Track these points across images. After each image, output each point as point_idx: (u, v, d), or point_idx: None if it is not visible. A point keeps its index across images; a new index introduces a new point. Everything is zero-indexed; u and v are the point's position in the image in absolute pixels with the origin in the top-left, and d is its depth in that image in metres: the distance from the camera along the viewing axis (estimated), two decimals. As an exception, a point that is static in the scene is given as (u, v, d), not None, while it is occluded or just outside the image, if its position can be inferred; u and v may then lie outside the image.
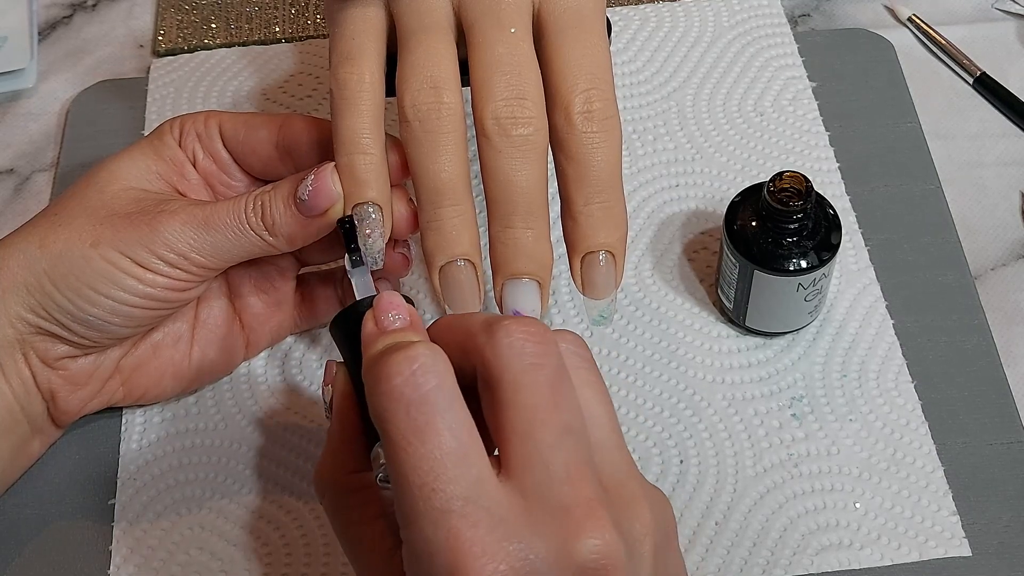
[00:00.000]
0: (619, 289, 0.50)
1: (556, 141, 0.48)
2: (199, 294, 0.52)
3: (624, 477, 0.40)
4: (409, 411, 0.38)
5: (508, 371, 0.39)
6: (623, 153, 0.49)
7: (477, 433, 0.38)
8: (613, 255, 0.48)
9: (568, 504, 0.37)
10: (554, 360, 0.39)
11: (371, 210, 0.48)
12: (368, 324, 0.43)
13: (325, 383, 0.46)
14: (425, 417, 0.38)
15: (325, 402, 0.46)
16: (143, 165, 0.52)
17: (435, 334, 0.42)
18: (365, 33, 0.49)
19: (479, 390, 0.40)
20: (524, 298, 0.48)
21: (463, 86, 0.48)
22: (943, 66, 0.68)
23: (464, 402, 0.39)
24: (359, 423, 0.44)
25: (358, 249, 0.48)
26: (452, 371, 0.39)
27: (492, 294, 0.49)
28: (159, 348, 0.53)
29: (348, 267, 0.48)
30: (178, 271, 0.49)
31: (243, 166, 0.53)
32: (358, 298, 0.47)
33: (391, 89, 0.49)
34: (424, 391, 0.38)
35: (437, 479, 0.37)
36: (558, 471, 0.38)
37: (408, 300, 0.44)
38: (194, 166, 0.53)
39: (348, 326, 0.44)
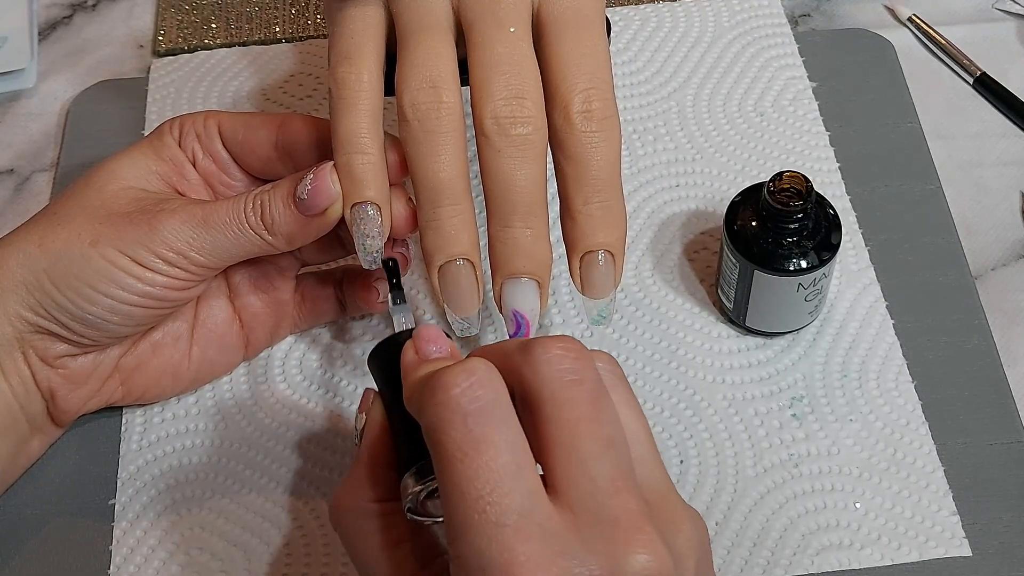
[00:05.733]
0: (619, 289, 0.50)
1: (555, 141, 0.48)
2: (198, 293, 0.52)
3: (665, 492, 0.40)
4: (466, 422, 0.37)
5: (547, 387, 0.38)
6: (623, 153, 0.49)
7: (529, 448, 0.38)
8: (612, 255, 0.48)
9: (616, 517, 0.37)
10: (592, 375, 0.39)
11: (369, 210, 0.48)
12: (408, 353, 0.43)
13: (360, 410, 0.46)
14: (481, 428, 0.37)
15: (356, 429, 0.46)
16: (143, 165, 0.52)
17: None
18: (364, 32, 0.49)
19: (519, 410, 0.39)
20: (523, 297, 0.48)
21: (463, 86, 0.48)
22: (943, 66, 0.68)
23: (517, 417, 0.38)
24: (388, 453, 0.44)
25: (400, 287, 0.48)
26: (506, 387, 0.39)
27: (492, 294, 0.49)
28: (159, 347, 0.53)
29: (390, 304, 0.48)
30: (177, 270, 0.49)
31: (243, 166, 0.53)
32: (397, 331, 0.47)
33: (391, 89, 0.49)
34: (482, 403, 0.37)
35: (493, 492, 0.36)
36: (604, 484, 0.37)
37: (447, 335, 0.44)
38: (194, 166, 0.53)
39: (386, 356, 0.44)
